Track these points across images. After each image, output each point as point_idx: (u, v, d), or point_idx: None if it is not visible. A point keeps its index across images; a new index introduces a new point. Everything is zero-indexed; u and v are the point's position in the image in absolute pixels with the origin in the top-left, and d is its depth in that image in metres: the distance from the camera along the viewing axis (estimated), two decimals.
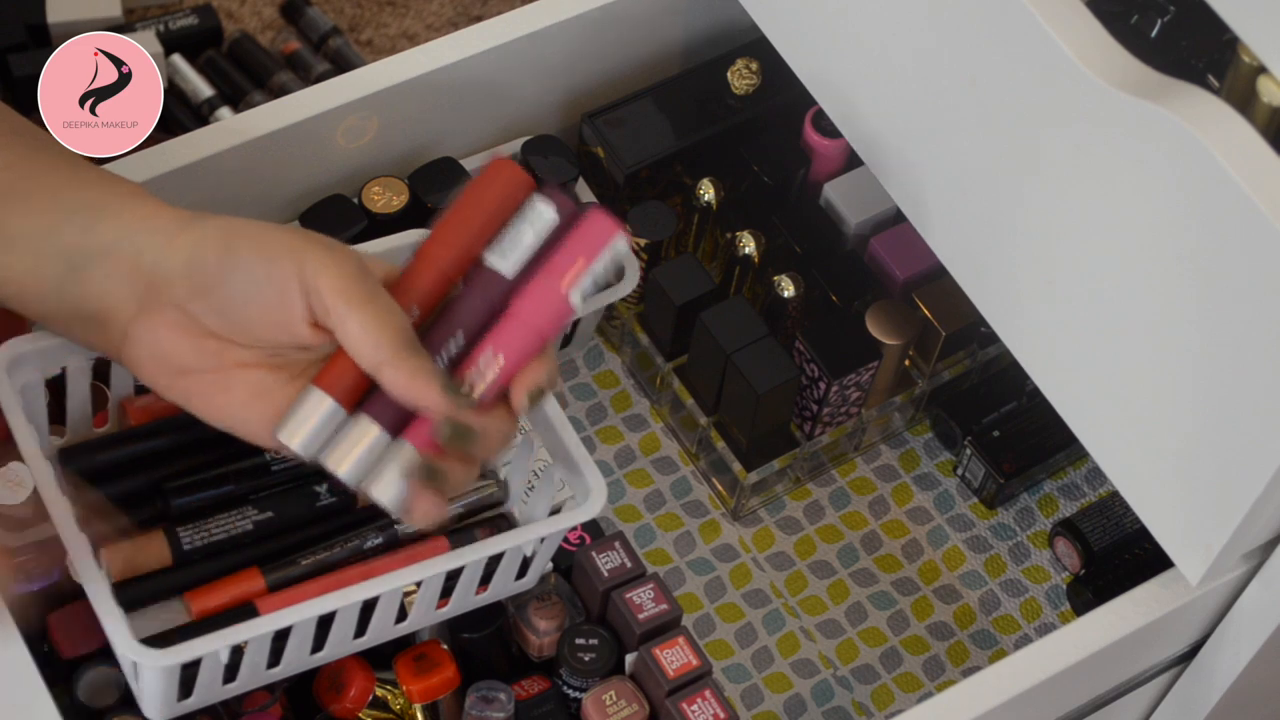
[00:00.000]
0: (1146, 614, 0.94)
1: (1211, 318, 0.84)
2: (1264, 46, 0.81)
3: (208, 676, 0.87)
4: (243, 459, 0.92)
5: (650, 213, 1.13)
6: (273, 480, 0.92)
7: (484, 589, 0.94)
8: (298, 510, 0.92)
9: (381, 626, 0.92)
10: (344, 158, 1.07)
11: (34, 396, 0.90)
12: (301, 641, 0.89)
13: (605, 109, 1.15)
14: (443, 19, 1.42)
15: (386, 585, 0.88)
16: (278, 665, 0.90)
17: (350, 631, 0.91)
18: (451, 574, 0.91)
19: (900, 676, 1.10)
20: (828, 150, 1.14)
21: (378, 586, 0.88)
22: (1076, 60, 0.85)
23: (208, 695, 0.89)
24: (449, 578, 0.91)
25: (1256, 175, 0.79)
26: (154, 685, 0.86)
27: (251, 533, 0.91)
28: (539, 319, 0.83)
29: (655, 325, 1.14)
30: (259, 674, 0.90)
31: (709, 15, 1.17)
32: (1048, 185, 0.90)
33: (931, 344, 1.12)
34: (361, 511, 0.93)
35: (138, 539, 0.89)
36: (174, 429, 0.92)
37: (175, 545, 0.89)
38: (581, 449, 0.92)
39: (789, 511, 1.15)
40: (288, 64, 1.37)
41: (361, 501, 0.93)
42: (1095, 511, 1.12)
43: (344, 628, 0.90)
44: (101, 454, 0.91)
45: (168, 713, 0.89)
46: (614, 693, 0.97)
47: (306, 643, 0.89)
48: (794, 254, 1.13)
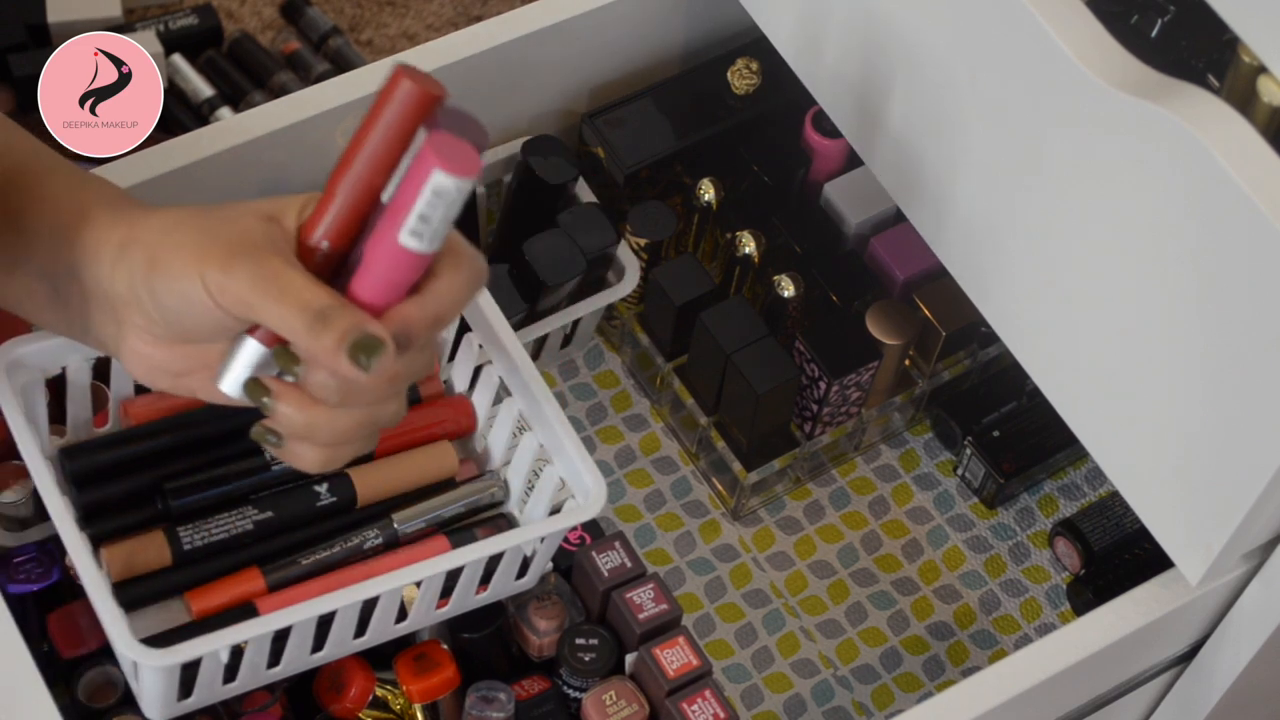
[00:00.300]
0: (1146, 614, 0.94)
1: (1211, 318, 0.84)
2: (1264, 46, 0.81)
3: (208, 676, 0.87)
4: (243, 459, 0.92)
5: (650, 213, 1.13)
6: (273, 480, 0.92)
7: (484, 589, 0.94)
8: (298, 510, 0.92)
9: (381, 626, 0.92)
10: None
11: (34, 396, 0.90)
12: (301, 641, 0.89)
13: (605, 109, 1.15)
14: (443, 19, 1.42)
15: (386, 585, 0.88)
16: (278, 665, 0.90)
17: (350, 631, 0.91)
18: (451, 574, 0.91)
19: (900, 676, 1.10)
20: (828, 150, 1.14)
21: (378, 586, 0.88)
22: (1076, 60, 0.85)
23: (208, 695, 0.89)
24: (449, 577, 0.91)
25: (1256, 175, 0.79)
26: (154, 685, 0.86)
27: (252, 532, 0.91)
28: (384, 268, 0.78)
29: (655, 325, 1.14)
30: (259, 674, 0.90)
31: (709, 15, 1.17)
32: (1048, 185, 0.90)
33: (931, 344, 1.12)
34: (361, 511, 0.93)
35: (138, 538, 0.89)
36: (174, 429, 0.92)
37: (175, 545, 0.89)
38: (581, 448, 0.92)
39: (789, 511, 1.15)
40: (288, 64, 1.37)
41: (361, 501, 0.93)
42: (1095, 511, 1.12)
43: (344, 628, 0.90)
44: (103, 454, 0.91)
45: (168, 713, 0.89)
46: (614, 693, 0.97)
47: (306, 643, 0.89)
48: (794, 254, 1.13)
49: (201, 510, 0.91)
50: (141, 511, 0.91)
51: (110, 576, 0.88)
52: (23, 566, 0.95)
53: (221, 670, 0.88)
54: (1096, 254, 0.89)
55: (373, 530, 0.92)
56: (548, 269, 1.07)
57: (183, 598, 0.89)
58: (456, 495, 0.95)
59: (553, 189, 1.10)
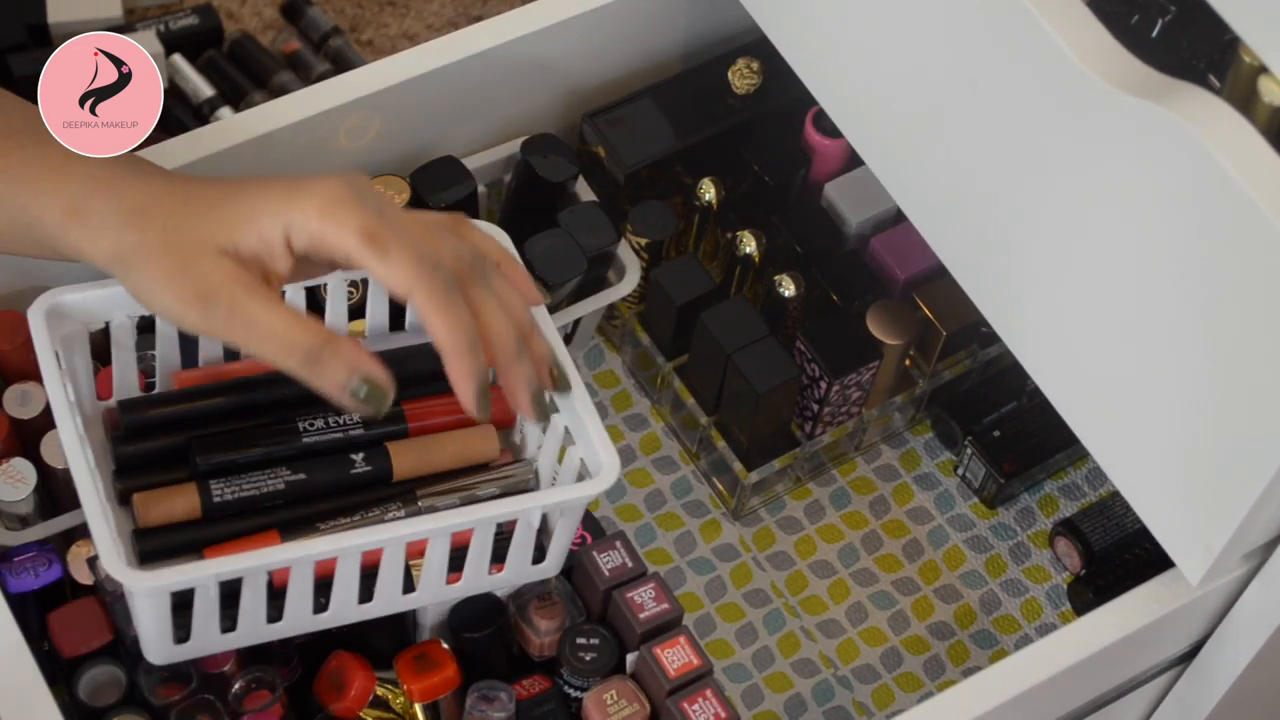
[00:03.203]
0: (1147, 614, 0.94)
1: (1211, 317, 0.84)
2: (1264, 46, 0.81)
3: (203, 617, 0.87)
4: (283, 425, 0.93)
5: (650, 213, 1.13)
6: (305, 449, 0.93)
7: (500, 568, 0.94)
8: (331, 476, 0.92)
9: (389, 592, 0.91)
10: (345, 157, 1.07)
11: (75, 348, 0.91)
12: (301, 593, 0.89)
13: (605, 109, 1.15)
14: (443, 19, 1.42)
15: (387, 534, 0.87)
16: (280, 619, 0.90)
17: (353, 592, 0.90)
18: (460, 548, 0.91)
19: (900, 676, 1.10)
20: (828, 150, 1.14)
21: (378, 534, 0.87)
22: (1076, 60, 0.85)
23: (205, 642, 0.89)
24: (456, 547, 0.91)
25: (1256, 175, 0.79)
26: (149, 619, 0.86)
27: (283, 493, 0.91)
28: None
29: (655, 325, 1.14)
30: (259, 627, 0.90)
31: (709, 15, 1.17)
32: (1048, 185, 0.90)
33: (932, 344, 1.12)
34: (395, 486, 0.93)
35: (170, 489, 0.90)
36: (229, 390, 0.93)
37: (206, 497, 0.90)
38: (600, 428, 0.92)
39: (789, 511, 1.15)
40: (288, 64, 1.37)
41: (397, 475, 0.94)
42: (1096, 511, 1.12)
43: (346, 585, 0.89)
44: (155, 410, 0.92)
45: (167, 654, 0.89)
46: (615, 692, 0.97)
47: (307, 596, 0.89)
48: (794, 254, 1.13)
49: (236, 468, 0.91)
50: (180, 470, 0.92)
51: (138, 520, 0.89)
52: (23, 565, 0.95)
53: (217, 610, 0.87)
54: (1096, 254, 0.89)
55: (396, 504, 0.92)
56: (548, 268, 1.07)
57: (202, 554, 0.89)
58: (486, 477, 0.95)
59: (553, 187, 1.10)
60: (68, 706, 0.92)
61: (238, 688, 0.95)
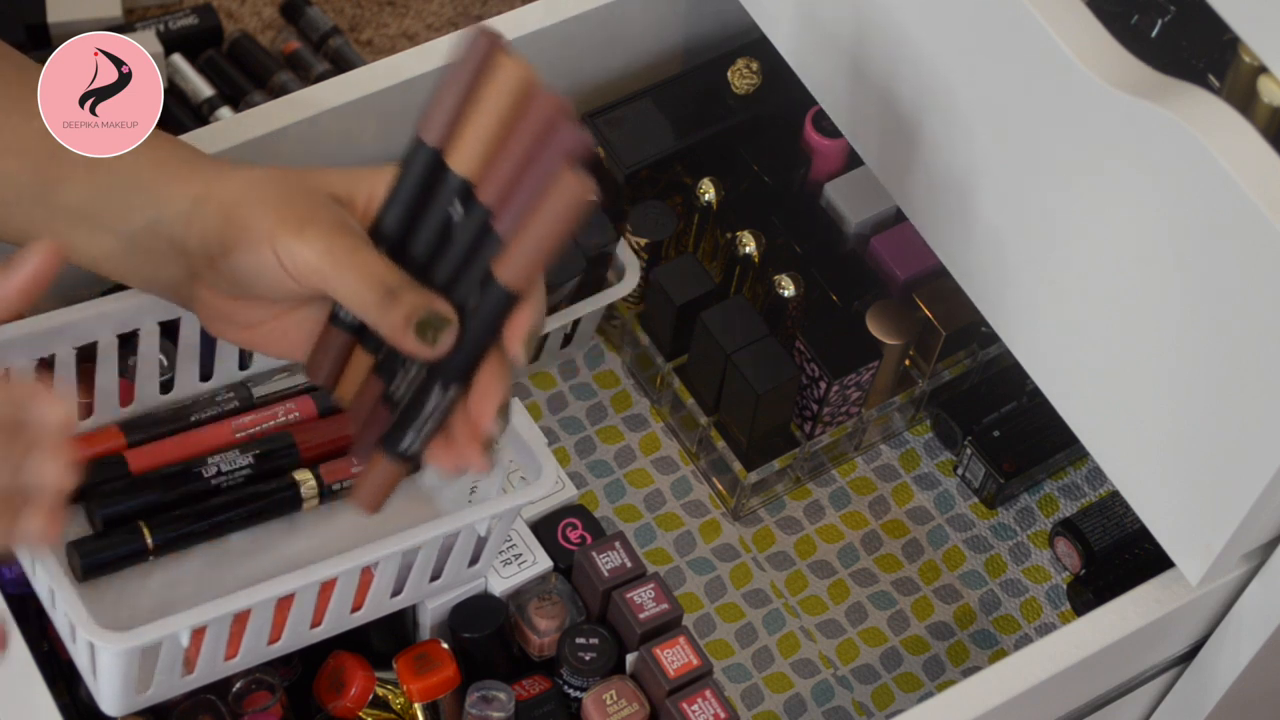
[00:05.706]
0: (1147, 614, 0.94)
1: (1211, 318, 0.84)
2: (1264, 46, 0.81)
3: (166, 669, 0.86)
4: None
5: (650, 213, 1.13)
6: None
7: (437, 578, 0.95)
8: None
9: (339, 613, 0.91)
10: (344, 157, 1.07)
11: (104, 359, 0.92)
12: (259, 629, 0.88)
13: (605, 109, 1.15)
14: (443, 19, 1.42)
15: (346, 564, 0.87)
16: (236, 656, 0.89)
17: (307, 621, 0.90)
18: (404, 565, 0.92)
19: (900, 676, 1.10)
20: (828, 150, 1.14)
21: (336, 566, 0.87)
22: (1076, 60, 0.85)
23: (167, 689, 0.88)
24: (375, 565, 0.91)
25: (1256, 175, 0.79)
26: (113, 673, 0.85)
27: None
28: None
29: (655, 325, 1.14)
30: (218, 666, 0.89)
31: (709, 15, 1.17)
32: (1048, 185, 0.90)
33: (932, 344, 1.12)
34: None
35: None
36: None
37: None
38: (534, 429, 0.92)
39: (789, 511, 1.15)
40: (288, 64, 1.38)
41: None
42: (1095, 511, 1.12)
43: (301, 615, 0.89)
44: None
45: (126, 705, 0.88)
46: (615, 692, 0.97)
47: (264, 631, 0.89)
48: (794, 254, 1.13)
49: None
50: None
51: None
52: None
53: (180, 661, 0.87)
54: (1096, 254, 0.89)
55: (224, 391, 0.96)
56: (548, 268, 1.07)
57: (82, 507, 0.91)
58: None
59: None
60: (68, 707, 0.92)
61: (238, 688, 0.95)
